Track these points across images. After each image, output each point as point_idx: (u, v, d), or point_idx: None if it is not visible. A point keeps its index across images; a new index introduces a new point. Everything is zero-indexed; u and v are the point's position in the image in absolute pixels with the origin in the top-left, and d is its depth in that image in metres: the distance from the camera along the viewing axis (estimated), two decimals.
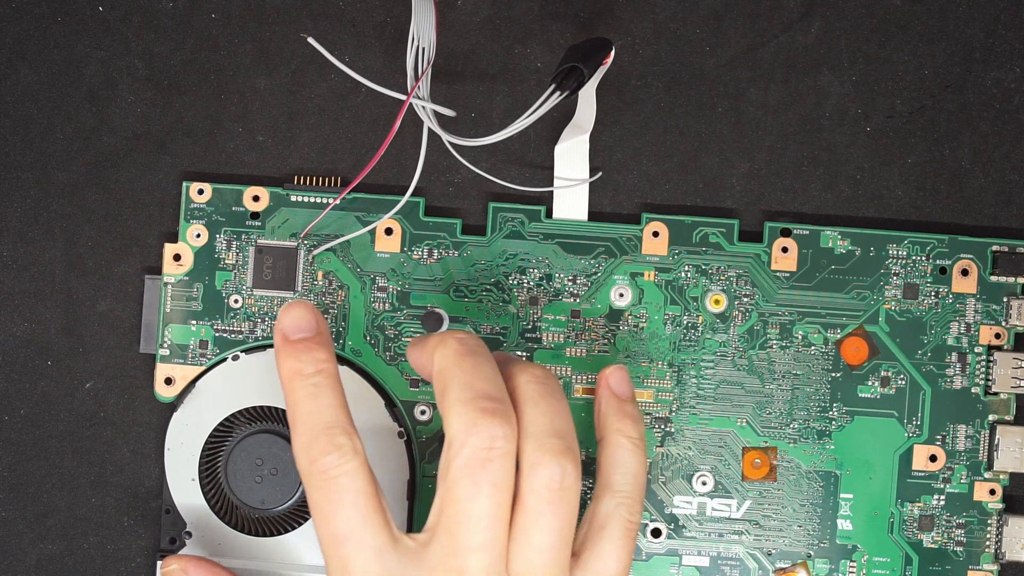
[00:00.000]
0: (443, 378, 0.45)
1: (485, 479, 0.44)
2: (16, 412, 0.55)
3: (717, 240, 0.54)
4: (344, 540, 0.44)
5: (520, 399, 0.46)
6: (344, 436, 0.45)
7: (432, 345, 0.46)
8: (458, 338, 0.46)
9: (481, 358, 0.46)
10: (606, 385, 0.49)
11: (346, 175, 0.55)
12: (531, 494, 0.44)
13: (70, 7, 0.55)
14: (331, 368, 0.46)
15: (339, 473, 0.44)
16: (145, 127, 0.55)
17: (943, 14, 0.54)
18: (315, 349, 0.46)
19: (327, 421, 0.45)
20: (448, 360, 0.45)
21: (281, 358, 0.46)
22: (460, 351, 0.45)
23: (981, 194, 0.54)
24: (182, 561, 0.51)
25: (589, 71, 0.50)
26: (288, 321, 0.47)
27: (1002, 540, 0.53)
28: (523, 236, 0.54)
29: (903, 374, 0.54)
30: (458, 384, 0.45)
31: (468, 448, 0.44)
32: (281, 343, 0.47)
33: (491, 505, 0.44)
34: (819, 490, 0.54)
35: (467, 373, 0.45)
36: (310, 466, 0.45)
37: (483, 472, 0.44)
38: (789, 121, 0.54)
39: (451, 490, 0.44)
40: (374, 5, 0.55)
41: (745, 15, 0.54)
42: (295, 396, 0.46)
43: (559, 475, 0.44)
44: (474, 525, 0.44)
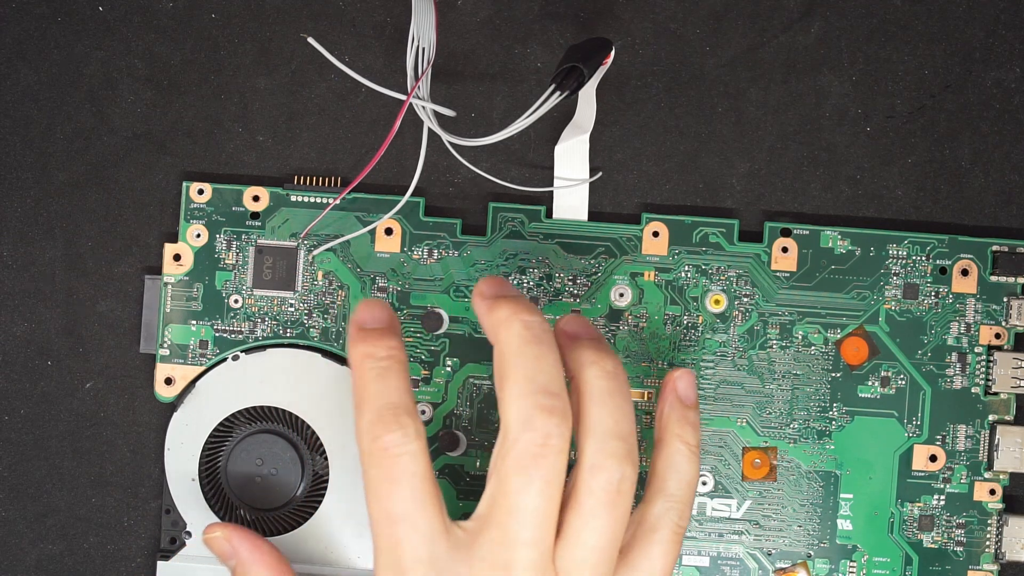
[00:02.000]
0: (504, 364, 0.45)
1: (537, 474, 0.44)
2: (16, 412, 0.55)
3: (717, 240, 0.54)
4: (398, 520, 0.44)
5: (586, 394, 0.46)
6: (408, 417, 0.45)
7: (497, 321, 0.46)
8: (524, 321, 0.45)
9: (545, 347, 0.45)
10: (672, 388, 0.49)
11: (346, 175, 0.55)
12: (588, 494, 0.45)
13: (70, 7, 0.55)
14: (401, 355, 0.46)
15: (401, 452, 0.44)
16: (145, 127, 0.55)
17: (943, 14, 0.54)
18: (388, 337, 0.46)
19: (393, 401, 0.45)
20: (511, 345, 0.45)
21: (354, 344, 0.46)
22: (525, 337, 0.45)
23: (981, 194, 0.54)
24: (226, 530, 0.51)
25: (589, 71, 0.50)
26: (364, 314, 0.47)
27: (1002, 540, 0.53)
28: (523, 236, 0.54)
29: (903, 374, 0.54)
30: (519, 375, 0.44)
31: (522, 443, 0.44)
32: (355, 333, 0.46)
33: (542, 501, 0.44)
34: (819, 490, 0.54)
35: (529, 364, 0.44)
36: (372, 443, 0.45)
37: (535, 468, 0.44)
38: (789, 121, 0.54)
39: (503, 483, 0.44)
40: (374, 5, 0.55)
41: (745, 15, 0.54)
42: (363, 377, 0.46)
43: (617, 479, 0.45)
44: (525, 519, 0.44)
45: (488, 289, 0.47)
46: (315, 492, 0.54)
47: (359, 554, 0.54)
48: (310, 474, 0.54)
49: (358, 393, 0.46)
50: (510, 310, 0.45)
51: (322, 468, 0.54)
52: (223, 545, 0.50)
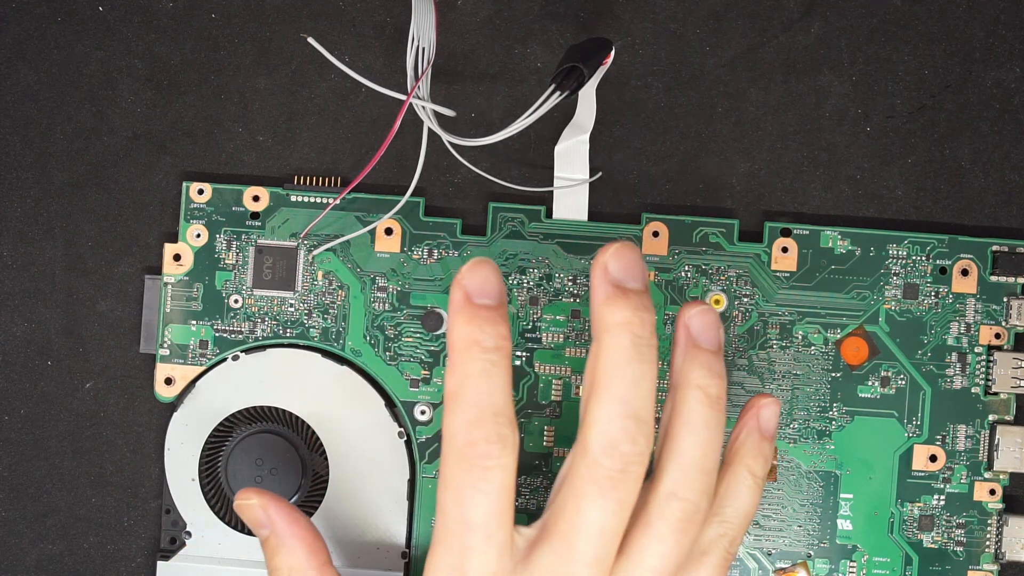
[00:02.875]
0: (600, 375, 0.43)
1: (613, 496, 0.42)
2: (16, 412, 0.55)
3: (717, 240, 0.54)
4: (475, 529, 0.43)
5: (682, 416, 0.44)
6: (509, 427, 0.43)
7: (608, 323, 0.43)
8: (635, 336, 0.43)
9: (647, 367, 0.43)
10: (755, 415, 0.48)
11: (346, 175, 0.55)
12: (661, 519, 0.43)
13: (70, 7, 0.55)
14: (509, 347, 0.43)
15: (495, 465, 0.42)
16: (145, 127, 0.55)
17: (943, 14, 0.54)
18: (499, 322, 0.43)
19: (497, 405, 0.43)
20: (614, 359, 0.43)
21: (460, 321, 0.43)
22: (630, 355, 0.43)
23: (981, 194, 0.54)
24: (263, 498, 0.49)
25: (589, 71, 0.50)
26: (476, 281, 0.43)
27: (1002, 540, 0.53)
28: (523, 236, 0.54)
29: (903, 374, 0.54)
30: (614, 394, 0.42)
31: (602, 465, 0.42)
32: (462, 303, 0.43)
33: (613, 522, 0.43)
34: (819, 490, 0.54)
35: (627, 385, 0.42)
36: (468, 447, 0.42)
37: (612, 491, 0.42)
38: (789, 121, 0.54)
39: (576, 499, 0.43)
40: (374, 5, 0.55)
41: (745, 15, 0.54)
42: (468, 367, 0.43)
43: (692, 511, 0.44)
44: (592, 538, 0.42)
45: (616, 268, 0.43)
46: (315, 492, 0.54)
47: (359, 554, 0.54)
48: (310, 474, 0.54)
49: (457, 383, 0.43)
50: (626, 317, 0.43)
51: (322, 468, 0.54)
52: (257, 513, 0.48)
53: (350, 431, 0.54)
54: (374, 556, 0.54)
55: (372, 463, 0.54)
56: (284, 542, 0.48)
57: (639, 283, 0.43)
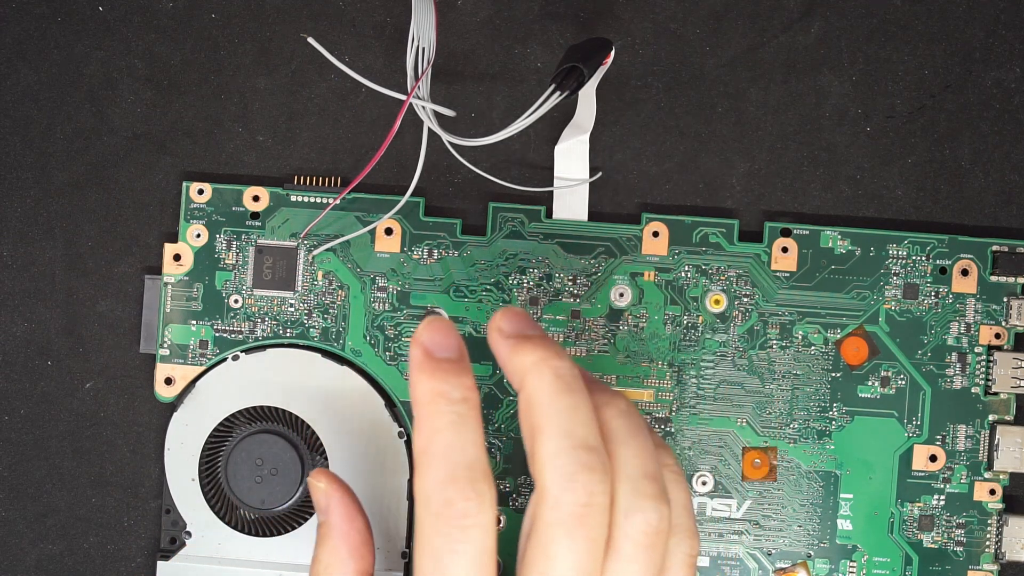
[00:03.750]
0: (537, 417, 0.42)
1: (582, 535, 0.41)
2: (16, 412, 0.55)
3: (717, 240, 0.54)
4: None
5: (609, 436, 0.43)
6: (485, 483, 0.41)
7: (523, 367, 0.42)
8: (555, 368, 0.42)
9: (579, 396, 0.42)
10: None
11: (346, 175, 0.55)
12: (625, 539, 0.42)
13: (70, 7, 0.55)
14: (477, 399, 0.42)
15: (472, 524, 0.41)
16: (145, 127, 0.55)
17: (943, 14, 0.54)
18: (462, 373, 0.42)
19: (469, 460, 0.41)
20: (543, 396, 0.42)
21: (422, 377, 0.42)
22: (558, 387, 0.41)
23: (981, 194, 0.54)
24: (330, 486, 0.47)
25: (589, 71, 0.50)
26: (432, 337, 0.42)
27: (1002, 540, 0.53)
28: (523, 236, 0.54)
29: (903, 374, 0.54)
30: (555, 430, 0.41)
31: (565, 504, 0.41)
32: (422, 359, 0.42)
33: (587, 559, 0.41)
34: (819, 490, 0.54)
35: (565, 417, 0.41)
36: (443, 508, 0.41)
37: (581, 528, 0.41)
38: (789, 121, 0.54)
39: (547, 545, 0.41)
40: (374, 5, 0.55)
41: (745, 15, 0.54)
42: (435, 422, 0.42)
43: (655, 520, 0.42)
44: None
45: (508, 325, 0.43)
46: None
47: None
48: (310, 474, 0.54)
49: (426, 439, 0.42)
50: (537, 355, 0.42)
51: None
52: (320, 498, 0.48)
53: (350, 431, 0.54)
54: None
55: (372, 463, 0.54)
56: (331, 536, 0.47)
57: (536, 330, 0.43)
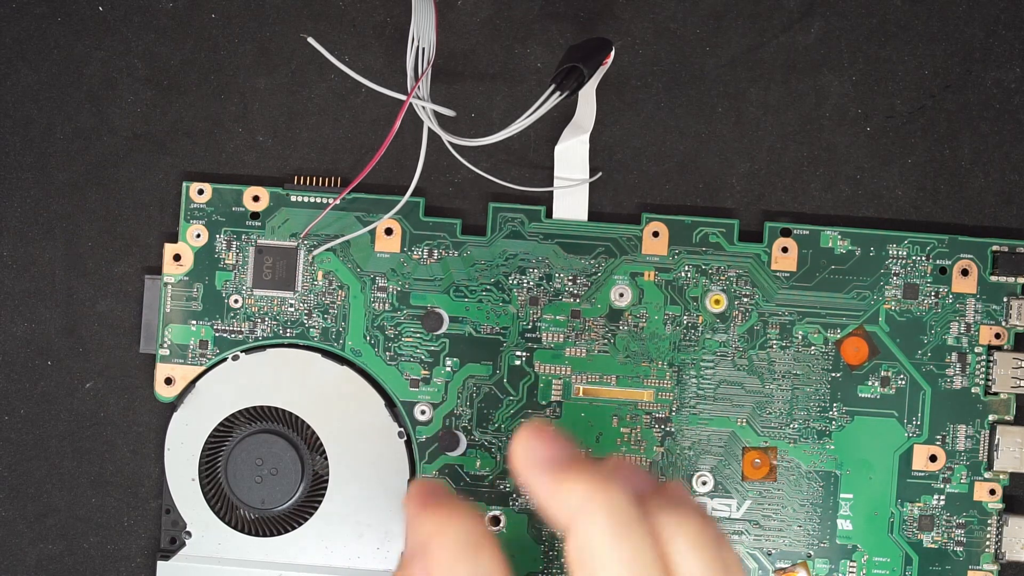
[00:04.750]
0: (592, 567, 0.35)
1: None
2: (16, 412, 0.55)
3: (717, 240, 0.54)
4: None
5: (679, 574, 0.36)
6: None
7: (571, 507, 0.35)
8: (609, 507, 0.35)
9: (638, 536, 0.35)
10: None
11: (346, 175, 0.55)
12: None
13: (70, 7, 0.55)
14: None
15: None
16: (145, 127, 0.55)
17: (943, 14, 0.54)
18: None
19: None
20: (597, 544, 0.35)
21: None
22: (615, 532, 0.35)
23: (981, 194, 0.54)
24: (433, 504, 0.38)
25: (589, 71, 0.50)
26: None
27: (1002, 540, 0.53)
28: (523, 236, 0.54)
29: (903, 374, 0.54)
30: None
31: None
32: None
33: None
34: (819, 490, 0.54)
35: (630, 566, 0.35)
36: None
37: None
38: (789, 121, 0.54)
39: None
40: (374, 5, 0.55)
41: (745, 15, 0.54)
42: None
43: None
44: None
45: (542, 452, 0.36)
46: (315, 492, 0.54)
47: (359, 554, 0.54)
48: (310, 474, 0.54)
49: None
50: (587, 490, 0.35)
51: (322, 468, 0.54)
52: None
53: (350, 431, 0.54)
54: (374, 556, 0.54)
55: (372, 463, 0.54)
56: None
57: (572, 450, 0.36)
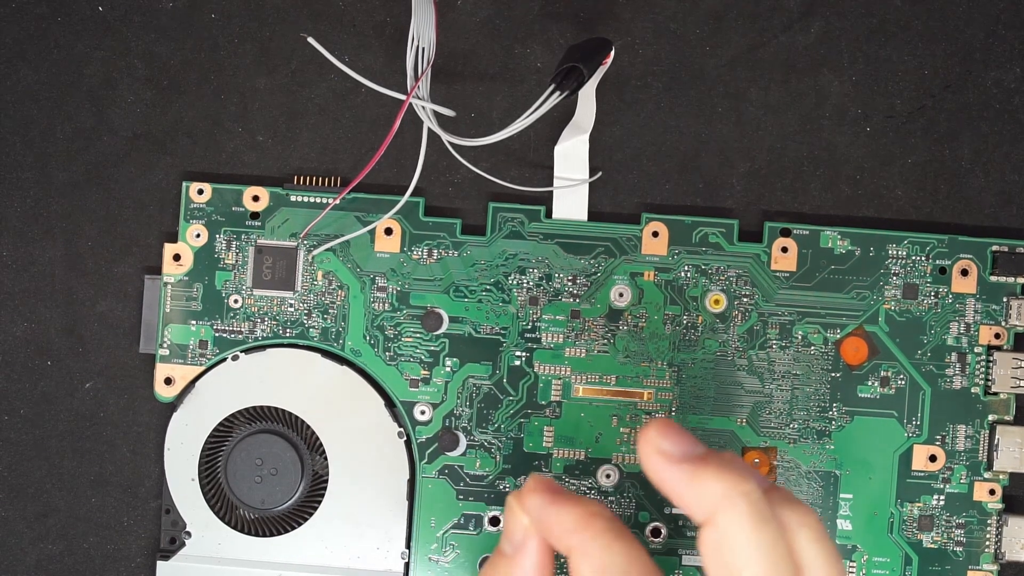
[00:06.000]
0: (734, 558, 0.37)
1: None
2: (16, 412, 0.55)
3: (717, 240, 0.54)
4: None
5: (807, 566, 0.38)
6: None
7: (712, 497, 0.37)
8: (748, 496, 0.37)
9: (774, 526, 0.37)
10: None
11: (346, 175, 0.55)
12: None
13: (70, 7, 0.55)
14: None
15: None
16: (145, 127, 0.55)
17: (943, 14, 0.54)
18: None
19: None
20: (741, 535, 0.37)
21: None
22: (756, 521, 0.37)
23: (981, 194, 0.54)
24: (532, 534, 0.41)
25: (589, 71, 0.50)
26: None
27: (1002, 540, 0.53)
28: (523, 236, 0.54)
29: (903, 374, 0.54)
30: (762, 571, 0.37)
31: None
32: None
33: None
34: (819, 490, 0.54)
35: (767, 555, 0.37)
36: None
37: None
38: (789, 121, 0.54)
39: None
40: (374, 5, 0.55)
41: (745, 15, 0.54)
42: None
43: None
44: None
45: (674, 446, 0.39)
46: (315, 492, 0.54)
47: (359, 554, 0.54)
48: (310, 474, 0.54)
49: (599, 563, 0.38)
50: (726, 483, 0.37)
51: (322, 468, 0.54)
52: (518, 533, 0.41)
53: (350, 431, 0.54)
54: (374, 556, 0.54)
55: (372, 463, 0.54)
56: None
57: (703, 446, 0.39)
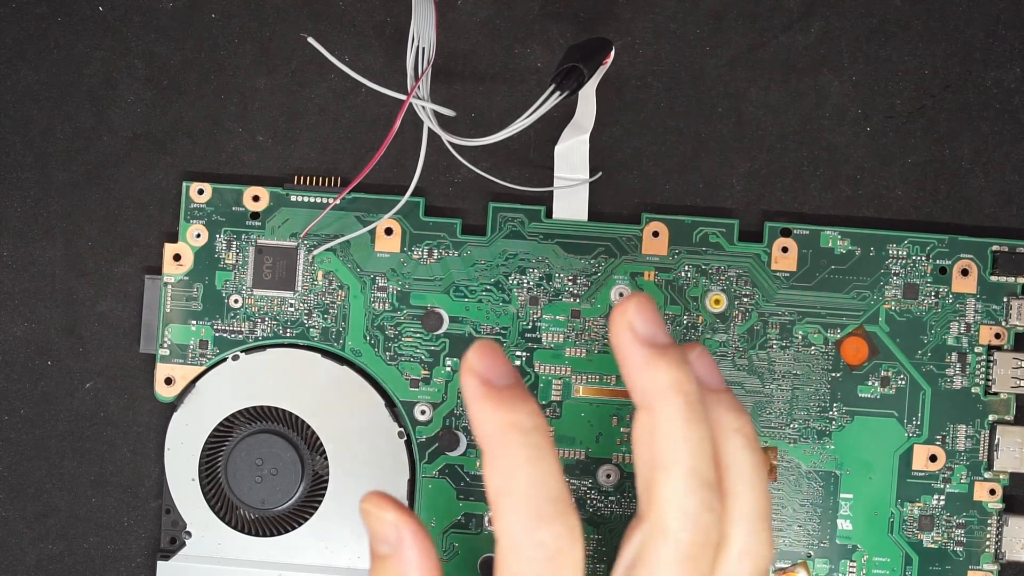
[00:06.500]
0: (663, 448, 0.39)
1: (698, 570, 0.39)
2: (16, 412, 0.55)
3: (717, 240, 0.54)
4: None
5: (734, 469, 0.41)
6: (572, 513, 0.39)
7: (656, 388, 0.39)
8: (688, 397, 0.39)
9: (705, 427, 0.39)
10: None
11: (346, 175, 0.55)
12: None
13: (70, 7, 0.55)
14: (546, 423, 0.40)
15: (566, 560, 0.39)
16: (145, 127, 0.55)
17: (943, 14, 0.54)
18: (529, 400, 0.39)
19: (555, 494, 0.39)
20: (674, 428, 0.39)
21: (487, 408, 0.39)
22: (689, 418, 0.39)
23: (981, 194, 0.54)
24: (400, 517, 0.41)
25: (589, 71, 0.50)
26: (487, 365, 0.39)
27: (1002, 540, 0.53)
28: (523, 236, 0.54)
29: (903, 374, 0.54)
30: (684, 469, 0.39)
31: (685, 542, 0.39)
32: (484, 390, 0.39)
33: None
34: (819, 490, 0.54)
35: (695, 453, 0.39)
36: (536, 550, 0.39)
37: (696, 562, 0.39)
38: (789, 121, 0.54)
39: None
40: (374, 5, 0.55)
41: (745, 15, 0.54)
42: (513, 457, 0.39)
43: (765, 563, 0.41)
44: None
45: (644, 327, 0.40)
46: (315, 492, 0.54)
47: (359, 554, 0.54)
48: (310, 474, 0.54)
49: (504, 476, 0.39)
50: (672, 378, 0.39)
51: (322, 468, 0.54)
52: (388, 531, 0.42)
53: (350, 431, 0.54)
54: None
55: (372, 463, 0.54)
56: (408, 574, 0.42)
57: (668, 336, 0.40)
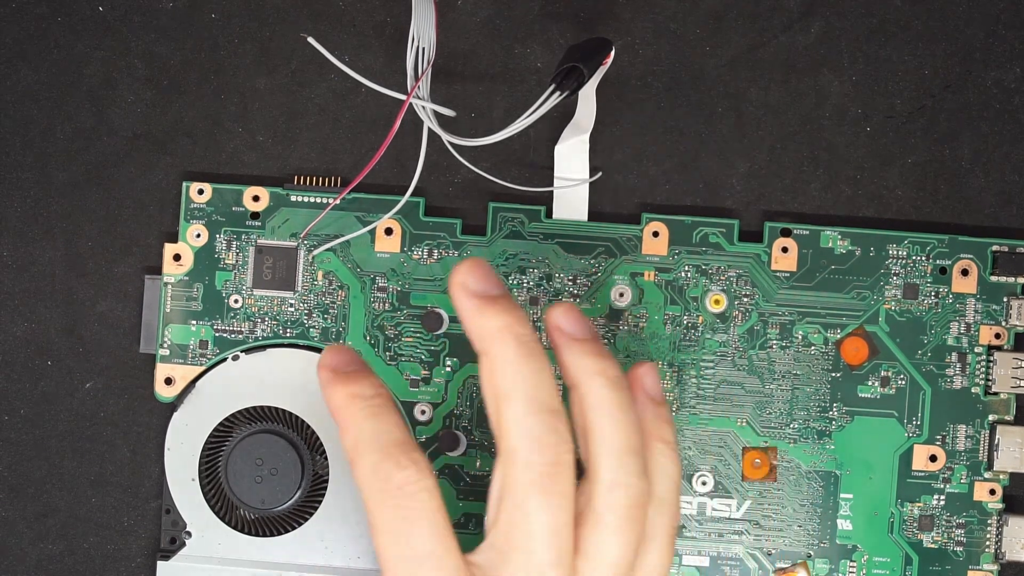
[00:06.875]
0: (501, 381, 0.43)
1: (555, 490, 0.42)
2: (16, 412, 0.55)
3: (717, 240, 0.54)
4: (424, 559, 0.42)
5: (595, 407, 0.44)
6: (418, 452, 0.43)
7: (488, 332, 0.44)
8: (518, 336, 0.43)
9: (542, 361, 0.43)
10: (641, 387, 0.48)
11: (346, 175, 0.55)
12: (609, 511, 0.44)
13: (70, 7, 0.55)
14: (388, 393, 0.45)
15: (418, 490, 0.43)
16: (145, 127, 0.55)
17: (943, 14, 0.54)
18: (370, 375, 0.45)
19: (397, 439, 0.43)
20: (508, 362, 0.43)
21: (334, 387, 0.44)
22: (522, 353, 0.43)
23: (981, 194, 0.54)
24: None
25: (589, 71, 0.50)
26: (334, 358, 0.45)
27: (1002, 540, 0.53)
28: (523, 236, 0.54)
29: (903, 374, 0.54)
30: (521, 396, 0.43)
31: (535, 464, 0.42)
32: (331, 376, 0.45)
33: (562, 517, 0.43)
34: (819, 490, 0.54)
35: (530, 382, 0.43)
36: (384, 484, 0.43)
37: (553, 484, 0.42)
38: (789, 121, 0.54)
39: (520, 506, 0.43)
40: (374, 5, 0.55)
41: (745, 15, 0.54)
42: (355, 418, 0.44)
43: (636, 494, 0.44)
44: (549, 541, 0.43)
45: (475, 283, 0.44)
46: (315, 492, 0.54)
47: (359, 554, 0.54)
48: (310, 474, 0.54)
49: (352, 435, 0.44)
50: (503, 322, 0.44)
51: (322, 468, 0.54)
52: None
53: None
54: (374, 556, 0.54)
55: None
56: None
57: (500, 289, 0.44)
